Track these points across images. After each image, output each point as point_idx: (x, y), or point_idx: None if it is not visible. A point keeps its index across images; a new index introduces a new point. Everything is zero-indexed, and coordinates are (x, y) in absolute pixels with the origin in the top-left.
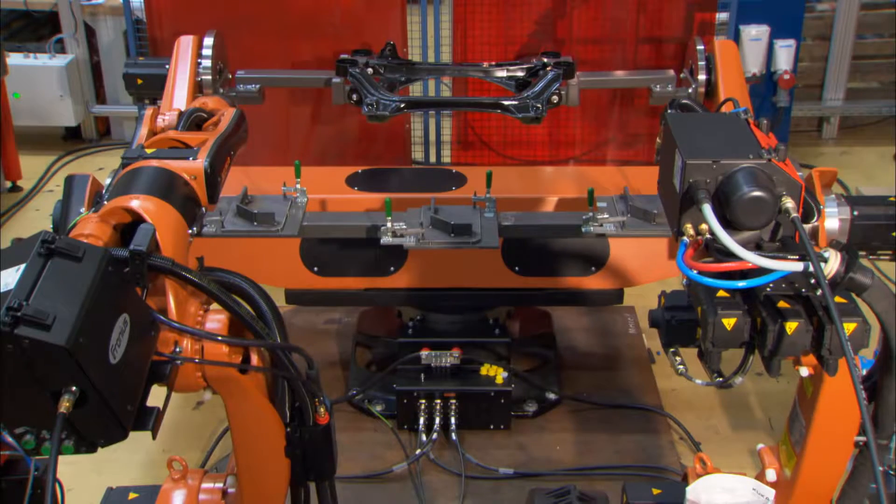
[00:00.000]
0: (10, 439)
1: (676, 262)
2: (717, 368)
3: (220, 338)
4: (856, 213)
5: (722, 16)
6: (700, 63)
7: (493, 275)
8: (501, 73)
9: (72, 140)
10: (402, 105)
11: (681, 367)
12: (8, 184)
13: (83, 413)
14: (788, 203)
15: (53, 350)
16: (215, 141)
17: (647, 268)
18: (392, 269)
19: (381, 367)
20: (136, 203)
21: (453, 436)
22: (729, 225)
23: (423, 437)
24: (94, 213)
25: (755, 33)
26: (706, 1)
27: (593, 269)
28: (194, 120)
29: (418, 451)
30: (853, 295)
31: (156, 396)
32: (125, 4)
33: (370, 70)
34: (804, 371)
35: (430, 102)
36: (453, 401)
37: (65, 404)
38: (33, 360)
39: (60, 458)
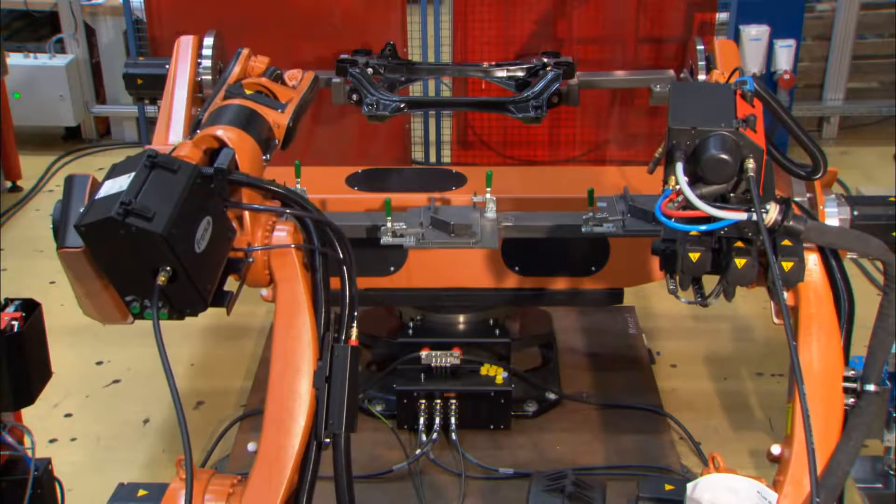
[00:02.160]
0: (9, 439)
1: (655, 210)
2: (687, 287)
3: (289, 212)
4: (856, 213)
5: (722, 16)
6: (700, 63)
7: (493, 275)
8: (501, 73)
9: (72, 140)
10: (402, 105)
11: (672, 287)
12: (8, 184)
13: (174, 287)
14: (749, 164)
15: (153, 236)
16: (298, 102)
17: (647, 268)
18: (392, 269)
19: (381, 367)
20: (220, 132)
21: (453, 436)
22: (701, 179)
23: (423, 437)
24: (190, 140)
25: (755, 33)
26: (706, 1)
27: (593, 269)
28: (278, 75)
29: (418, 451)
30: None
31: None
32: (125, 4)
33: (370, 70)
34: (784, 296)
35: (430, 102)
36: (453, 401)
37: (161, 278)
38: (138, 243)
39: (61, 458)
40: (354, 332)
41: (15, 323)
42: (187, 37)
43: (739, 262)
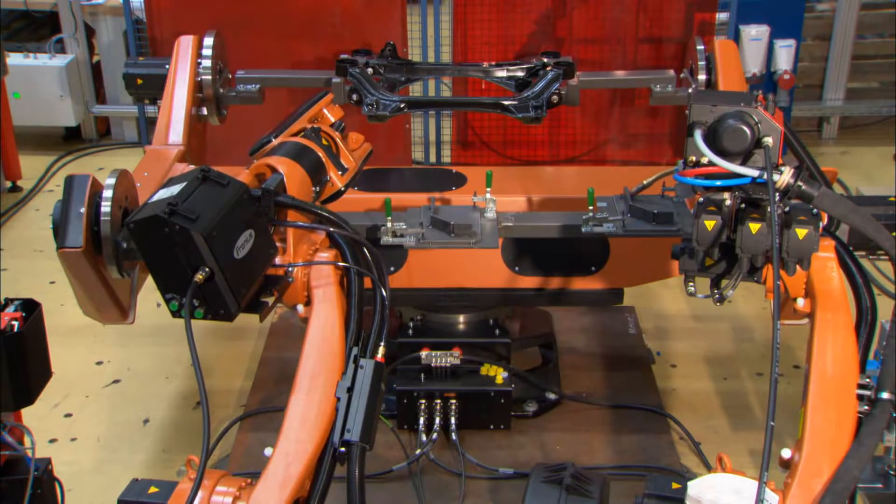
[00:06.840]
0: (9, 439)
1: (674, 175)
2: (700, 263)
3: (329, 230)
4: None
5: (722, 16)
6: (700, 63)
7: (493, 275)
8: (501, 73)
9: (72, 140)
10: (402, 105)
11: (692, 288)
12: (8, 184)
13: (211, 288)
14: (768, 140)
15: (194, 235)
16: (355, 172)
17: (647, 268)
18: (392, 269)
19: None
20: (273, 161)
21: (453, 436)
22: (719, 154)
23: (423, 437)
24: (247, 169)
25: (755, 33)
26: (706, 1)
27: (593, 269)
28: (344, 128)
29: (418, 451)
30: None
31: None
32: (125, 4)
33: (370, 70)
34: (800, 302)
35: (430, 102)
36: (453, 401)
37: (198, 276)
38: (181, 241)
39: (61, 458)
40: (382, 350)
41: (15, 323)
42: (187, 37)
43: (753, 226)
